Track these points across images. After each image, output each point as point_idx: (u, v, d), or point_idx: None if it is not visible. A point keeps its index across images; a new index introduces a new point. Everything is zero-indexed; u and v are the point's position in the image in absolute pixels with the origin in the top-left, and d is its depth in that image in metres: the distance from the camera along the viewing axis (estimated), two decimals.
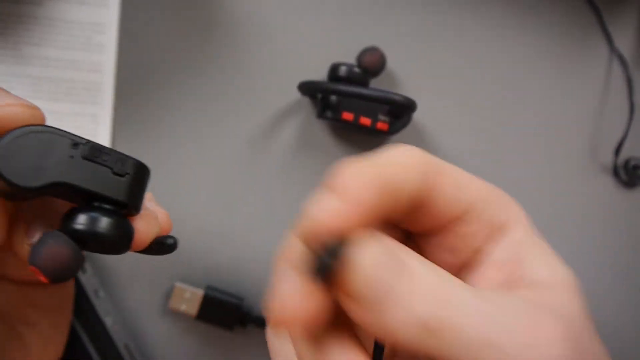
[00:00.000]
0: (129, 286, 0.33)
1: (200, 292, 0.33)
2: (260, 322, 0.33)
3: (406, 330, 0.15)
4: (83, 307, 0.31)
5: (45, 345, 0.26)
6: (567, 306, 0.17)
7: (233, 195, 0.35)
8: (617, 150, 0.37)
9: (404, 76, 0.36)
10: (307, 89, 0.33)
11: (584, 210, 0.37)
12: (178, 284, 0.33)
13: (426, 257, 0.17)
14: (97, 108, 0.33)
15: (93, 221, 0.18)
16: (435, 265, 0.16)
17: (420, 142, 0.36)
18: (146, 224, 0.20)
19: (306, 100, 0.35)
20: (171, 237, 0.22)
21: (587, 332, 0.17)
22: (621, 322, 0.36)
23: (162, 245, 0.21)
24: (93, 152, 0.18)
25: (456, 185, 0.19)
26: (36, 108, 0.19)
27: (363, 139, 0.35)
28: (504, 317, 0.15)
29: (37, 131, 0.18)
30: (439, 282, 0.16)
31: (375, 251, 0.15)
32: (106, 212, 0.18)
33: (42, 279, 0.18)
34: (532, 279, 0.18)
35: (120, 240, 0.19)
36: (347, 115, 0.33)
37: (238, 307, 0.33)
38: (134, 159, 0.19)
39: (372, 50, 0.34)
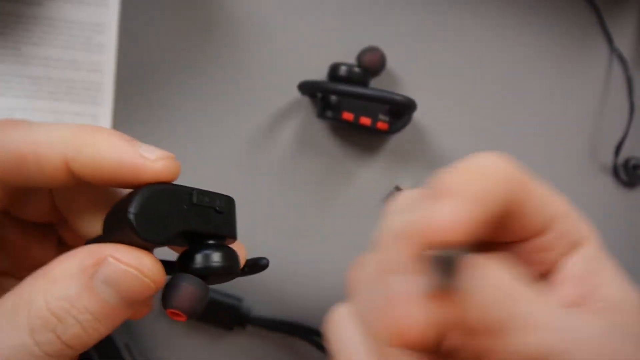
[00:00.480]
0: None
1: None
2: (258, 323, 0.33)
3: (524, 358, 0.15)
4: None
5: None
6: (637, 326, 0.18)
7: (233, 195, 0.34)
8: (617, 150, 0.37)
9: (404, 76, 0.36)
10: (307, 88, 0.33)
11: (584, 210, 0.37)
12: None
13: None
14: (97, 108, 0.33)
15: (208, 258, 0.20)
16: (543, 293, 0.17)
17: (420, 141, 0.36)
18: (238, 248, 0.22)
19: (306, 100, 0.35)
20: (264, 257, 0.23)
21: None
22: None
23: (255, 266, 0.23)
24: (201, 197, 0.21)
25: (542, 198, 0.19)
26: (175, 159, 0.21)
27: (363, 138, 0.35)
28: (595, 341, 0.16)
29: (163, 189, 0.20)
30: (549, 311, 0.16)
31: (502, 275, 0.16)
32: (217, 248, 0.20)
33: (182, 319, 0.20)
34: (605, 298, 0.19)
35: (233, 268, 0.21)
36: (347, 115, 0.33)
37: (237, 308, 0.33)
38: (224, 195, 0.22)
39: (372, 50, 0.34)
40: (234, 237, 0.22)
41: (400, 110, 0.33)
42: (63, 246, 0.24)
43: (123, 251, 0.19)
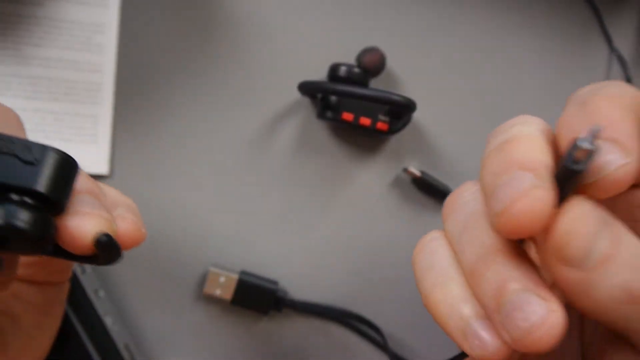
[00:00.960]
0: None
1: (234, 277, 0.33)
2: (294, 306, 0.34)
3: (609, 296, 0.15)
4: (83, 307, 0.31)
5: (25, 343, 0.24)
6: None
7: (233, 196, 0.35)
8: None
9: (404, 76, 0.36)
10: (307, 89, 0.33)
11: None
12: (212, 269, 0.33)
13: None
14: (97, 108, 0.33)
15: (7, 214, 0.16)
16: (636, 236, 0.16)
17: (420, 142, 0.36)
18: (82, 221, 0.17)
19: (306, 101, 0.35)
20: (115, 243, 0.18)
21: None
22: None
23: (108, 250, 0.17)
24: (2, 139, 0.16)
25: None
26: None
27: (363, 139, 0.35)
28: None
29: None
30: None
31: (594, 214, 0.15)
32: (15, 203, 0.16)
33: None
34: None
35: (35, 236, 0.16)
36: (347, 116, 0.33)
37: (272, 291, 0.33)
38: (47, 146, 0.17)
39: (372, 50, 0.34)
40: (51, 196, 0.16)
41: (400, 111, 0.33)
42: None
43: None
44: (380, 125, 0.33)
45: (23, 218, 0.16)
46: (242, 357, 0.34)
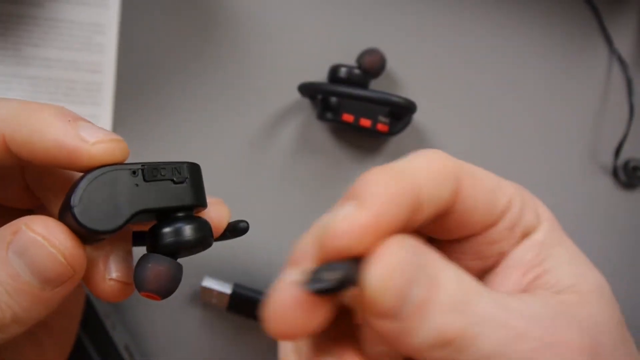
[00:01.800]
0: None
1: (227, 292, 0.33)
2: None
3: (425, 342, 0.15)
4: (84, 309, 0.31)
5: (57, 348, 0.26)
6: (595, 316, 0.16)
7: (233, 196, 0.35)
8: (617, 152, 0.37)
9: (404, 77, 0.36)
10: (308, 90, 0.33)
11: (584, 211, 0.37)
12: (204, 284, 0.33)
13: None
14: (97, 108, 0.33)
15: (176, 232, 0.19)
16: (458, 270, 0.16)
17: (421, 143, 0.36)
18: (217, 211, 0.21)
19: (306, 102, 0.35)
20: (243, 220, 0.23)
21: (611, 345, 0.16)
22: None
23: (235, 229, 0.22)
24: (151, 172, 0.19)
25: (485, 191, 0.18)
26: (122, 141, 0.19)
27: (363, 140, 0.35)
28: (521, 325, 0.15)
29: (103, 173, 0.18)
30: (460, 290, 0.15)
31: (399, 258, 0.15)
32: (184, 220, 0.20)
33: (157, 299, 0.19)
34: (557, 284, 0.17)
35: (204, 238, 0.20)
36: (348, 117, 0.33)
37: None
38: (184, 162, 0.20)
39: (372, 52, 0.34)
40: (201, 205, 0.21)
41: (400, 112, 0.33)
42: None
43: (38, 221, 0.18)
44: (381, 127, 0.33)
45: (202, 234, 0.20)
46: (240, 358, 0.34)
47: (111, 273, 0.20)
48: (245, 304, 0.33)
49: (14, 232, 0.18)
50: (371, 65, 0.34)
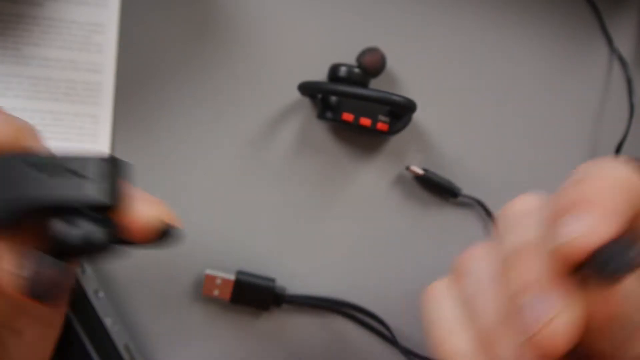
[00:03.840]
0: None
1: (231, 278, 0.33)
2: (294, 300, 0.34)
3: None
4: (83, 307, 0.31)
5: (28, 355, 0.24)
6: None
7: (233, 197, 0.35)
8: (617, 151, 0.37)
9: (404, 77, 0.36)
10: (307, 89, 0.33)
11: None
12: (208, 271, 0.33)
13: None
14: (97, 108, 0.33)
15: (66, 234, 0.17)
16: None
17: (421, 142, 0.36)
18: (144, 211, 0.19)
19: (306, 101, 0.35)
20: (173, 227, 0.21)
21: None
22: None
23: (164, 235, 0.20)
24: (52, 164, 0.18)
25: None
26: (20, 127, 0.18)
27: (363, 139, 0.35)
28: None
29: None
30: None
31: None
32: (77, 220, 0.18)
33: (45, 305, 0.18)
34: None
35: (95, 242, 0.18)
36: (347, 116, 0.33)
37: (270, 288, 0.33)
38: (95, 157, 0.18)
39: (372, 51, 0.34)
40: (103, 202, 0.18)
41: (400, 111, 0.33)
42: None
43: None
44: (381, 126, 0.33)
45: (97, 235, 0.17)
46: (243, 355, 0.34)
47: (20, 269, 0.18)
48: (249, 292, 0.33)
49: None
50: (371, 65, 0.34)
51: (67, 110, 0.33)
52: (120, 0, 0.33)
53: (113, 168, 0.19)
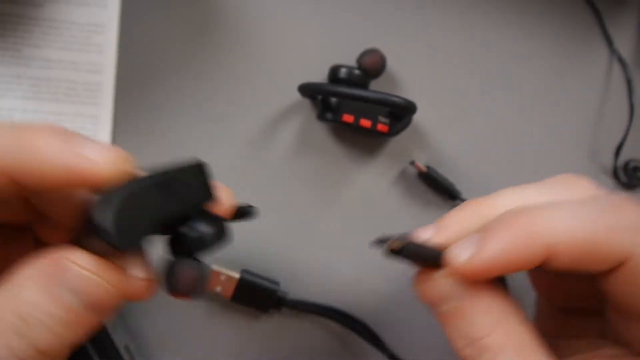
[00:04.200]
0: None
1: (236, 276, 0.33)
2: (294, 305, 0.34)
3: None
4: None
5: None
6: None
7: (233, 196, 0.35)
8: (617, 152, 0.37)
9: (404, 78, 0.36)
10: (308, 90, 0.33)
11: None
12: (214, 267, 0.33)
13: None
14: (97, 108, 0.33)
15: (197, 235, 0.20)
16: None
17: (421, 143, 0.36)
18: (226, 194, 0.23)
19: (306, 102, 0.35)
20: (249, 205, 0.24)
21: None
22: None
23: (243, 213, 0.24)
24: (167, 184, 0.19)
25: None
26: (126, 155, 0.19)
27: (363, 140, 0.35)
28: None
29: (130, 193, 0.18)
30: None
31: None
32: (201, 221, 0.20)
33: (188, 299, 0.21)
34: None
35: (222, 233, 0.21)
36: (348, 117, 0.33)
37: (273, 291, 0.33)
38: (188, 164, 0.21)
39: (372, 52, 0.34)
40: (212, 199, 0.21)
41: (400, 113, 0.33)
42: (41, 245, 0.23)
43: (78, 254, 0.18)
44: (381, 127, 0.33)
45: (215, 229, 0.20)
46: (240, 355, 0.34)
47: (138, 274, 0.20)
48: (251, 292, 0.33)
49: (56, 265, 0.18)
50: (371, 66, 0.34)
51: (67, 110, 0.33)
52: (120, 0, 0.33)
53: (203, 168, 0.21)
